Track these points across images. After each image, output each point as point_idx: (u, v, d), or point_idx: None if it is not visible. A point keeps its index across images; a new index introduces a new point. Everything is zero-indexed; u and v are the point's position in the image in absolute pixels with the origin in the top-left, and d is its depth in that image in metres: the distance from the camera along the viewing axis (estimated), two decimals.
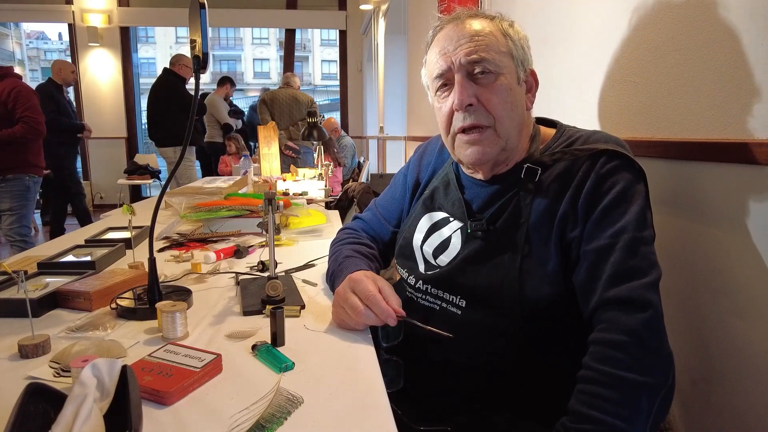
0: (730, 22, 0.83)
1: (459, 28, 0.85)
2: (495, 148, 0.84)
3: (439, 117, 0.90)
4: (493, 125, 0.84)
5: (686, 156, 0.94)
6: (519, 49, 0.86)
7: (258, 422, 0.57)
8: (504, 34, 0.85)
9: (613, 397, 0.67)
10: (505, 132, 0.84)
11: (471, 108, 0.83)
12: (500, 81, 0.83)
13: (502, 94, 0.83)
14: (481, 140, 0.84)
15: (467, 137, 0.85)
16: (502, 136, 0.84)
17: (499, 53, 0.83)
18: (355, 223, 1.16)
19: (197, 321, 0.87)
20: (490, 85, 0.83)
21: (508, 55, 0.84)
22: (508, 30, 0.86)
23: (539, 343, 0.81)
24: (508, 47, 0.85)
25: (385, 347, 0.91)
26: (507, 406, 0.84)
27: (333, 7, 7.44)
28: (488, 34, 0.84)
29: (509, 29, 0.86)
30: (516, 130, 0.86)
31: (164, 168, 6.25)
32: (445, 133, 0.89)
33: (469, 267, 0.86)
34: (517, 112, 0.85)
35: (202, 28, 0.81)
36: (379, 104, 6.01)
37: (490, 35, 0.84)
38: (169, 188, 2.39)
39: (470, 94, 0.83)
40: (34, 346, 0.73)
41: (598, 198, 0.78)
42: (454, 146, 0.89)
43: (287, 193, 2.44)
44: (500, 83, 0.83)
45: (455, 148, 0.89)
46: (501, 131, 0.84)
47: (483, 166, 0.89)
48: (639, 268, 0.73)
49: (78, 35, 6.78)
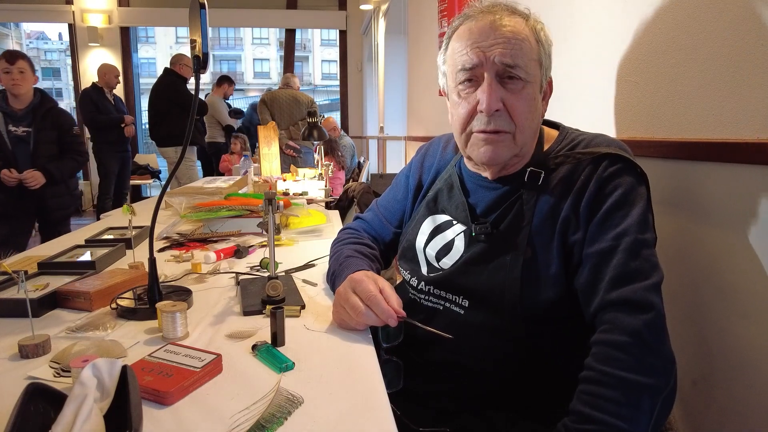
0: (730, 22, 0.83)
1: (495, 24, 0.81)
2: (509, 152, 0.84)
3: (456, 112, 0.86)
4: (513, 132, 0.82)
5: (686, 156, 0.94)
6: (547, 58, 0.84)
7: (258, 422, 0.57)
8: (537, 39, 0.83)
9: (615, 397, 0.67)
10: (523, 140, 0.84)
11: (497, 113, 0.81)
12: (527, 89, 0.81)
13: (528, 103, 0.82)
14: (497, 142, 0.83)
15: (484, 136, 0.83)
16: (518, 143, 0.83)
17: (531, 61, 0.81)
18: (356, 223, 1.16)
19: (197, 321, 0.87)
20: (517, 91, 0.81)
21: (538, 63, 0.83)
22: (540, 35, 0.83)
23: (540, 344, 0.81)
24: (539, 55, 0.83)
25: (386, 347, 0.91)
26: (507, 407, 0.84)
27: (333, 7, 7.43)
28: (524, 39, 0.81)
29: (541, 34, 0.84)
30: (532, 138, 0.86)
31: (164, 168, 6.25)
32: (461, 130, 0.87)
33: (471, 269, 0.86)
34: (536, 121, 0.85)
35: (202, 28, 0.81)
36: (379, 104, 6.01)
37: (526, 40, 0.81)
38: (170, 188, 2.39)
39: (498, 98, 0.80)
40: (34, 346, 0.73)
41: (601, 201, 0.78)
42: (467, 143, 0.87)
43: (287, 193, 2.44)
44: (527, 92, 0.82)
45: (469, 145, 0.87)
46: (519, 139, 0.83)
47: (495, 167, 0.88)
48: (641, 270, 0.73)
49: (78, 35, 6.78)
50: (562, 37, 1.42)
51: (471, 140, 0.85)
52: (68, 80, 19.14)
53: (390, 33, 5.34)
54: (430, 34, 3.29)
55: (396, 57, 5.33)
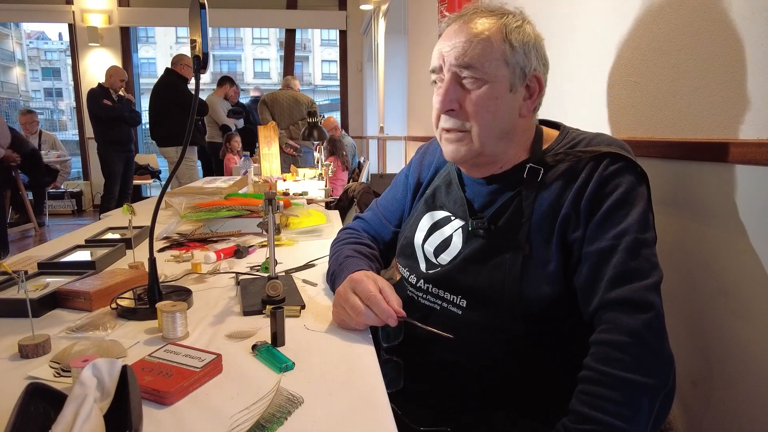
0: (731, 22, 0.83)
1: (461, 28, 0.84)
2: (469, 151, 0.86)
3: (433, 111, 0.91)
4: (470, 130, 0.85)
5: (686, 156, 0.94)
6: (519, 55, 0.83)
7: (258, 422, 0.57)
8: (504, 38, 0.82)
9: (614, 397, 0.67)
10: (481, 139, 0.84)
11: (452, 112, 0.85)
12: (485, 89, 0.82)
13: (485, 102, 0.83)
14: (455, 141, 0.87)
15: (447, 135, 0.88)
16: (476, 142, 0.85)
17: (490, 60, 0.81)
18: (356, 223, 1.16)
19: (197, 321, 0.87)
20: (474, 92, 0.83)
21: (502, 62, 0.82)
22: (511, 33, 0.83)
23: (539, 343, 0.81)
24: (503, 54, 0.82)
25: (386, 347, 0.91)
26: (507, 406, 0.84)
27: (333, 7, 7.43)
28: (485, 39, 0.81)
29: (513, 32, 0.83)
30: (495, 137, 0.85)
31: (165, 168, 6.25)
32: (435, 128, 0.92)
33: (470, 266, 0.86)
34: (500, 120, 0.84)
35: (202, 28, 0.81)
36: (379, 104, 6.01)
37: (486, 41, 0.81)
38: (170, 188, 2.39)
39: (453, 99, 0.84)
40: (34, 346, 0.73)
41: (601, 200, 0.78)
42: (440, 141, 0.92)
43: (287, 193, 2.44)
44: (485, 91, 0.82)
45: (441, 143, 0.92)
46: (476, 138, 0.85)
47: (464, 165, 0.92)
48: (641, 269, 0.73)
49: (78, 35, 6.78)
50: (563, 37, 1.42)
51: (441, 139, 0.91)
52: (68, 80, 19.12)
53: (390, 33, 5.34)
54: (430, 34, 3.29)
55: (396, 57, 5.33)
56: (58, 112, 24.08)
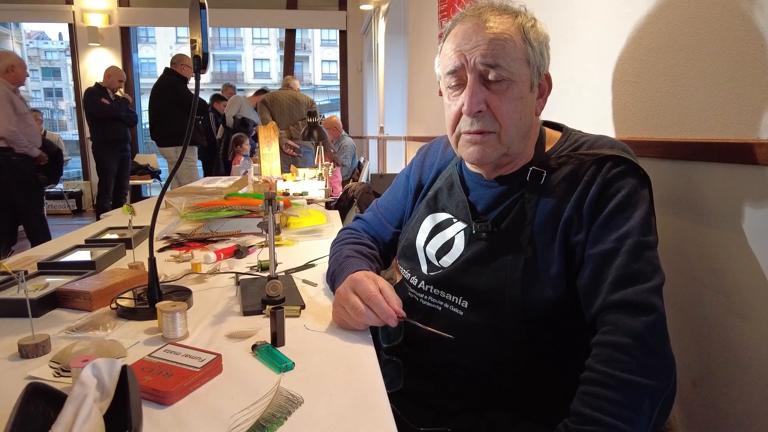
0: (731, 22, 0.83)
1: (479, 27, 0.82)
2: (496, 152, 0.84)
3: (447, 114, 0.88)
4: (498, 132, 0.83)
5: (686, 156, 0.94)
6: (537, 55, 0.83)
7: (258, 422, 0.57)
8: (524, 38, 0.82)
9: (616, 399, 0.67)
10: (509, 139, 0.84)
11: (480, 114, 0.82)
12: (512, 89, 0.81)
13: (513, 103, 0.82)
14: (483, 142, 0.84)
15: (470, 137, 0.85)
16: (504, 143, 0.84)
17: (515, 60, 0.81)
18: (356, 224, 1.16)
19: (197, 321, 0.87)
20: (501, 92, 0.81)
21: (525, 61, 0.82)
22: (529, 33, 0.83)
23: (540, 344, 0.81)
24: (525, 53, 0.82)
25: (386, 348, 0.91)
26: (507, 407, 0.84)
27: (333, 7, 7.44)
28: (507, 39, 0.81)
29: (530, 31, 0.83)
30: (520, 137, 0.85)
31: (165, 168, 6.25)
32: (450, 131, 0.89)
33: (471, 267, 0.86)
34: (525, 120, 0.84)
35: (202, 28, 0.81)
36: (380, 104, 6.01)
37: (509, 40, 0.81)
38: (170, 188, 2.39)
39: (480, 100, 0.81)
40: (34, 346, 0.73)
41: (604, 202, 0.78)
42: (457, 144, 0.89)
43: (287, 193, 2.44)
44: (512, 91, 0.81)
45: (459, 146, 0.89)
46: (504, 138, 0.83)
47: (486, 167, 0.89)
48: (643, 272, 0.73)
49: (78, 35, 6.78)
50: (562, 37, 1.42)
51: (460, 141, 0.87)
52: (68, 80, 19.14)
53: (390, 33, 5.34)
54: (430, 34, 3.29)
55: (396, 57, 5.33)
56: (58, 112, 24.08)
